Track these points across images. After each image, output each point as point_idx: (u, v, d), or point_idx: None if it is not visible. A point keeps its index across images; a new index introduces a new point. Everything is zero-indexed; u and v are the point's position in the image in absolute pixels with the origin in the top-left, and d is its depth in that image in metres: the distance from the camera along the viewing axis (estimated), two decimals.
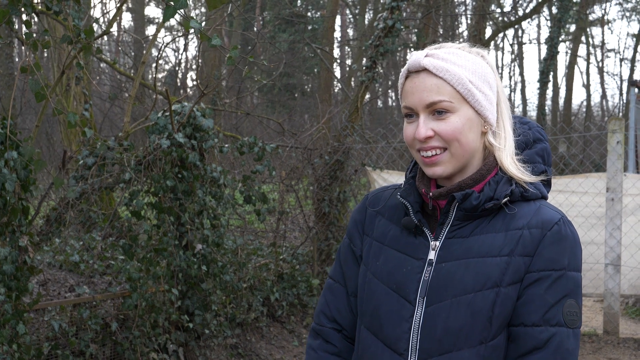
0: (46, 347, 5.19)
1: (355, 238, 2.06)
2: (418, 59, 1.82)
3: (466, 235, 1.84)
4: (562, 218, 1.83)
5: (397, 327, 1.85)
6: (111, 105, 17.72)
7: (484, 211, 1.84)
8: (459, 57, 1.83)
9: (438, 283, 1.82)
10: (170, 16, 3.41)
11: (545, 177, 1.92)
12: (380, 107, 32.16)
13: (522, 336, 1.79)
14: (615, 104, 40.43)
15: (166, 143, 5.79)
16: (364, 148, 9.49)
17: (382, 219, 2.01)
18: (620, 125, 8.25)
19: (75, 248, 7.22)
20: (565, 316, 1.78)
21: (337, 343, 2.07)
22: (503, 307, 1.78)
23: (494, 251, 1.80)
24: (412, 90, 1.83)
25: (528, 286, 1.79)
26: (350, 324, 2.06)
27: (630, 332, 8.54)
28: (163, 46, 11.20)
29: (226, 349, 6.73)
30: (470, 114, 1.82)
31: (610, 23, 44.19)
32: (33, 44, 4.14)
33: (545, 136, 1.98)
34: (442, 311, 1.79)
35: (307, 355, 2.11)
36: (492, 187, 1.84)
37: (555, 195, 8.51)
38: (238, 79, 20.81)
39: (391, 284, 1.89)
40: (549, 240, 1.80)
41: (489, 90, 1.85)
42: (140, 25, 27.79)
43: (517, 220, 1.83)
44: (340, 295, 2.07)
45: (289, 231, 10.05)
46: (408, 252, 1.90)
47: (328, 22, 20.16)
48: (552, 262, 1.79)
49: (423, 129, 1.81)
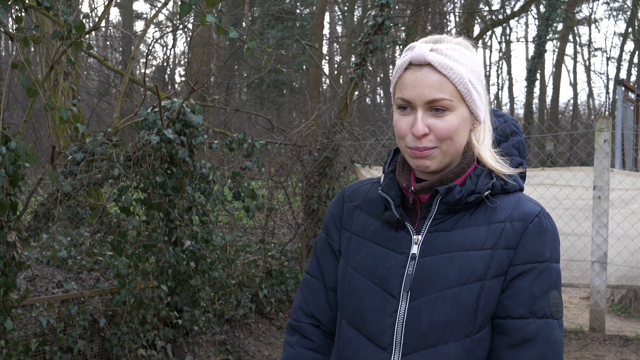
0: (34, 343, 5.17)
1: (332, 232, 2.04)
2: (423, 53, 1.79)
3: (448, 229, 1.85)
4: (542, 210, 1.85)
5: (381, 321, 1.84)
6: (99, 101, 17.67)
7: (465, 205, 1.84)
8: (461, 55, 1.82)
9: (422, 277, 1.81)
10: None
11: (523, 170, 1.93)
12: (368, 105, 32.19)
13: (510, 328, 1.80)
14: (601, 103, 40.65)
15: (155, 139, 5.78)
16: (353, 145, 9.50)
17: (361, 213, 1.99)
18: (607, 123, 8.29)
19: (63, 244, 7.19)
20: (551, 308, 1.80)
21: (315, 338, 2.05)
22: (487, 300, 1.79)
23: (478, 244, 1.81)
24: (412, 83, 1.80)
25: (513, 279, 1.80)
26: (329, 319, 2.04)
27: (616, 329, 8.60)
28: (153, 42, 11.16)
29: (214, 346, 6.73)
30: (466, 113, 1.83)
31: (597, 22, 44.36)
32: (24, 40, 4.13)
33: (520, 129, 1.99)
34: (427, 305, 1.79)
35: (284, 352, 2.08)
36: (473, 181, 1.84)
37: (544, 191, 8.55)
38: (227, 75, 20.78)
39: (374, 279, 1.87)
40: (531, 232, 1.81)
41: (482, 89, 1.86)
42: (129, 20, 27.71)
43: (498, 213, 1.84)
44: (318, 290, 2.05)
45: (277, 228, 10.05)
46: (390, 247, 1.88)
47: (317, 19, 20.16)
48: (536, 254, 1.80)
49: (421, 126, 1.79)
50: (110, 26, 19.64)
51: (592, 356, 7.44)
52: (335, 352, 1.98)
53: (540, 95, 32.97)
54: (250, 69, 24.17)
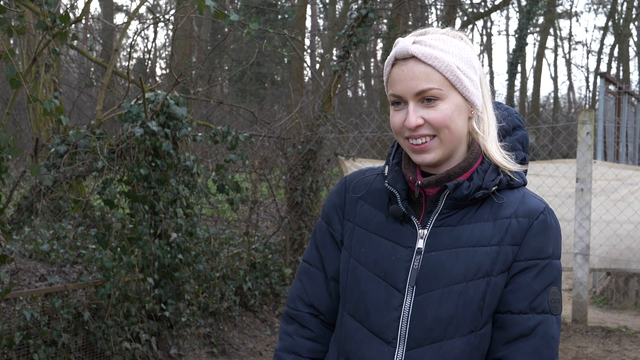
0: (18, 337, 5.14)
1: (334, 222, 2.02)
2: (406, 46, 1.80)
3: (454, 224, 1.84)
4: (546, 207, 1.85)
5: (385, 315, 1.83)
6: (80, 93, 17.53)
7: (472, 200, 1.84)
8: (446, 43, 1.81)
9: (428, 272, 1.81)
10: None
11: (526, 165, 1.93)
12: (350, 97, 32.18)
13: (509, 323, 1.80)
14: (582, 96, 40.91)
15: (139, 131, 5.74)
16: (337, 138, 9.50)
17: (364, 205, 1.97)
18: (590, 116, 8.34)
19: (46, 237, 7.15)
20: (550, 303, 1.80)
21: (314, 328, 2.03)
22: (493, 296, 1.79)
23: (484, 240, 1.81)
24: (400, 78, 1.81)
25: (515, 274, 1.81)
26: (329, 309, 2.02)
27: (598, 320, 8.67)
28: (136, 34, 11.10)
29: (199, 338, 6.72)
30: (459, 100, 1.81)
31: (578, 15, 44.61)
32: (8, 30, 4.08)
33: (523, 122, 1.98)
34: (433, 300, 1.79)
35: (281, 341, 2.06)
36: (480, 176, 1.84)
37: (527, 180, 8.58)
38: (209, 67, 20.70)
39: (378, 272, 1.86)
40: (536, 229, 1.81)
41: (474, 75, 1.85)
42: (109, 12, 27.52)
43: (504, 209, 1.84)
44: (318, 280, 2.03)
45: (261, 220, 10.03)
46: (395, 240, 1.87)
47: (299, 11, 20.12)
48: (539, 251, 1.81)
49: (413, 118, 1.79)
50: (91, 18, 19.50)
51: (574, 347, 7.49)
52: (336, 343, 1.96)
53: (521, 88, 33.10)
54: (232, 62, 24.08)
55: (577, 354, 7.28)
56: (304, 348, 2.03)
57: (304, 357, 2.03)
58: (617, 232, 8.48)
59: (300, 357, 2.03)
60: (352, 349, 1.89)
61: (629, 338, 7.80)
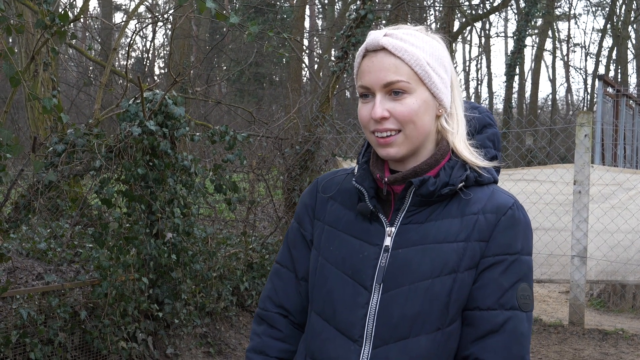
0: (14, 336, 5.13)
1: (305, 222, 2.02)
2: (377, 38, 1.80)
3: (422, 221, 1.84)
4: (515, 202, 1.84)
5: (352, 313, 1.83)
6: (78, 92, 17.52)
7: (439, 197, 1.83)
8: (417, 39, 1.81)
9: (395, 269, 1.80)
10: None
11: (498, 163, 1.92)
12: (348, 98, 32.19)
13: (477, 320, 1.79)
14: (580, 98, 40.94)
15: (137, 131, 5.74)
16: (335, 138, 9.50)
17: (334, 204, 1.97)
18: (588, 118, 8.34)
19: (43, 235, 7.14)
20: (519, 300, 1.79)
21: (283, 328, 2.03)
22: (460, 293, 1.79)
23: (451, 237, 1.80)
24: (369, 69, 1.81)
25: (483, 270, 1.80)
26: (299, 309, 2.02)
27: (595, 323, 8.67)
28: (135, 33, 11.10)
29: (195, 338, 6.71)
30: (426, 96, 1.81)
31: (577, 18, 44.63)
32: (7, 28, 4.08)
33: (494, 121, 1.98)
34: (399, 298, 1.78)
35: (250, 341, 2.06)
36: (447, 173, 1.83)
37: (524, 185, 8.60)
38: (207, 67, 20.69)
39: (346, 270, 1.86)
40: (504, 224, 1.81)
41: (444, 74, 1.84)
42: (108, 12, 27.50)
43: (472, 205, 1.83)
44: (288, 280, 2.03)
45: (258, 221, 10.03)
46: (363, 238, 1.87)
47: (298, 12, 20.13)
48: (507, 246, 1.80)
49: (379, 109, 1.78)
50: (90, 17, 19.49)
51: (571, 350, 7.49)
52: (304, 343, 1.96)
53: (520, 90, 33.12)
54: (230, 62, 24.07)
55: (574, 356, 7.29)
56: (272, 348, 2.03)
57: (271, 357, 2.03)
58: (614, 236, 8.49)
59: (268, 357, 2.03)
60: (317, 347, 1.89)
61: (626, 341, 7.81)
